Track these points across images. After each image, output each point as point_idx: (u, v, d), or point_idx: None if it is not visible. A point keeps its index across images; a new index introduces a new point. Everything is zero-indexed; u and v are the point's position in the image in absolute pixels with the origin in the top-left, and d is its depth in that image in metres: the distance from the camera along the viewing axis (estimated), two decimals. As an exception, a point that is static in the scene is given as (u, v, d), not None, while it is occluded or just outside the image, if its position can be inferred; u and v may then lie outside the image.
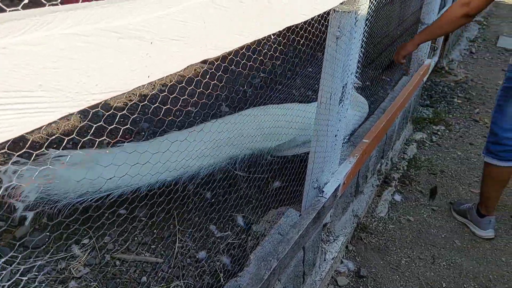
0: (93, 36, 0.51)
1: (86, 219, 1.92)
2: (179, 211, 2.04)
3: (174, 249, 1.88)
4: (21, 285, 1.57)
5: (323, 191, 1.74)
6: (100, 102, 0.58)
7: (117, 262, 1.79)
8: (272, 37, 0.97)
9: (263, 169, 2.31)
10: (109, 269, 1.75)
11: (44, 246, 1.82)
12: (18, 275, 1.64)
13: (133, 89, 0.61)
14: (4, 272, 1.64)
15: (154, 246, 1.89)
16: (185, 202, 2.09)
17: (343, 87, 1.58)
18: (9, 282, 1.57)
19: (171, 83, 2.61)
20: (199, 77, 1.52)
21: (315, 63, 3.00)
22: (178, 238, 1.94)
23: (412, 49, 2.40)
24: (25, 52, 0.45)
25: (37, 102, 0.48)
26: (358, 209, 2.38)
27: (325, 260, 1.96)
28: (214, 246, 1.91)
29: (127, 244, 1.88)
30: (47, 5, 0.50)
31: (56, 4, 0.51)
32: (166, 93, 2.42)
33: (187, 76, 2.56)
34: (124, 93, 0.60)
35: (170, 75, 0.67)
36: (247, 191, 2.18)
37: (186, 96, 1.51)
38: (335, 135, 1.70)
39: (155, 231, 1.96)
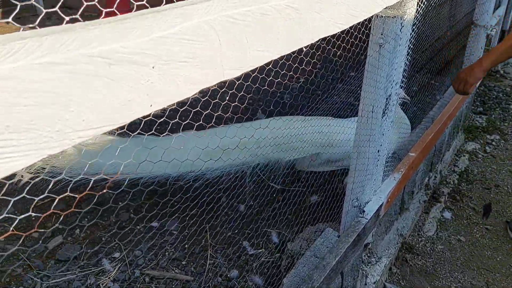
0: (76, 65, 0.43)
1: (118, 231, 1.89)
2: (212, 224, 1.97)
3: (205, 266, 1.81)
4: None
5: (364, 211, 1.61)
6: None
7: (146, 279, 1.74)
8: (304, 49, 0.86)
9: (300, 182, 2.19)
10: (138, 285, 1.70)
11: (74, 259, 1.80)
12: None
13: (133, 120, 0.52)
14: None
15: (184, 262, 1.83)
16: (217, 215, 2.01)
17: (387, 98, 1.45)
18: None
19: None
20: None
21: (354, 77, 2.84)
22: (210, 254, 1.86)
23: (482, 75, 1.98)
24: (-15, 88, 0.37)
25: (5, 146, 0.40)
26: (403, 227, 2.21)
27: (365, 284, 1.81)
28: (247, 265, 1.82)
29: (158, 259, 1.83)
30: (21, 29, 0.42)
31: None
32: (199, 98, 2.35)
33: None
34: (121, 126, 0.51)
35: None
36: (283, 205, 2.07)
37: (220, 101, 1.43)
38: (378, 151, 1.56)
39: (186, 245, 1.90)
